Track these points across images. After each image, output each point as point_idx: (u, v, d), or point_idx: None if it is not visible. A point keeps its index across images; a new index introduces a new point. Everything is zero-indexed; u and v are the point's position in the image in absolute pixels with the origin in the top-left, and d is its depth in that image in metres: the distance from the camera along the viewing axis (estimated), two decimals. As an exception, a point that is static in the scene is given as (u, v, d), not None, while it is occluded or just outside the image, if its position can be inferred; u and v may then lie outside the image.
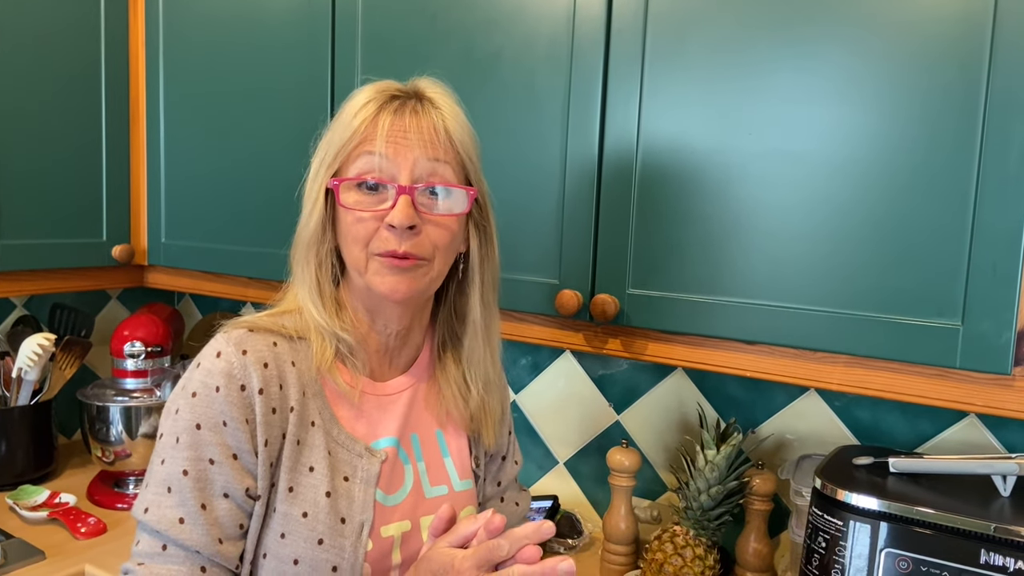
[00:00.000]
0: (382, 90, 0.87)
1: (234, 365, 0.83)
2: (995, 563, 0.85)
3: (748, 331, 1.02)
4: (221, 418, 0.82)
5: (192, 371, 0.85)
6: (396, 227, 0.82)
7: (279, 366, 0.85)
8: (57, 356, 1.68)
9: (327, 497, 0.85)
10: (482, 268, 0.93)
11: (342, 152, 0.86)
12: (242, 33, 1.50)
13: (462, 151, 0.87)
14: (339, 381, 0.89)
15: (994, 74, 0.86)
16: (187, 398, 0.83)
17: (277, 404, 0.84)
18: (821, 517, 0.97)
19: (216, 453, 0.82)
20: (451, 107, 0.88)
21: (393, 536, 0.90)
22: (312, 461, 0.86)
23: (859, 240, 0.94)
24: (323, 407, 0.88)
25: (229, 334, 0.85)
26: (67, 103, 1.58)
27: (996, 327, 0.87)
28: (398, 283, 0.84)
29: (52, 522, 1.48)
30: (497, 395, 1.01)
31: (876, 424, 1.25)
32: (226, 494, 0.82)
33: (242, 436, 0.82)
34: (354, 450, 0.89)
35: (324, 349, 0.88)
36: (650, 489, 1.47)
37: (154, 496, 0.82)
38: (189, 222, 1.63)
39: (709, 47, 1.02)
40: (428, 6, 1.26)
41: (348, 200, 0.85)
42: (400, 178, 0.83)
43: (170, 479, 0.82)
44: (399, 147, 0.83)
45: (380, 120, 0.84)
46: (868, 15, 0.92)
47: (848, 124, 0.94)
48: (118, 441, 1.57)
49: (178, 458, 0.82)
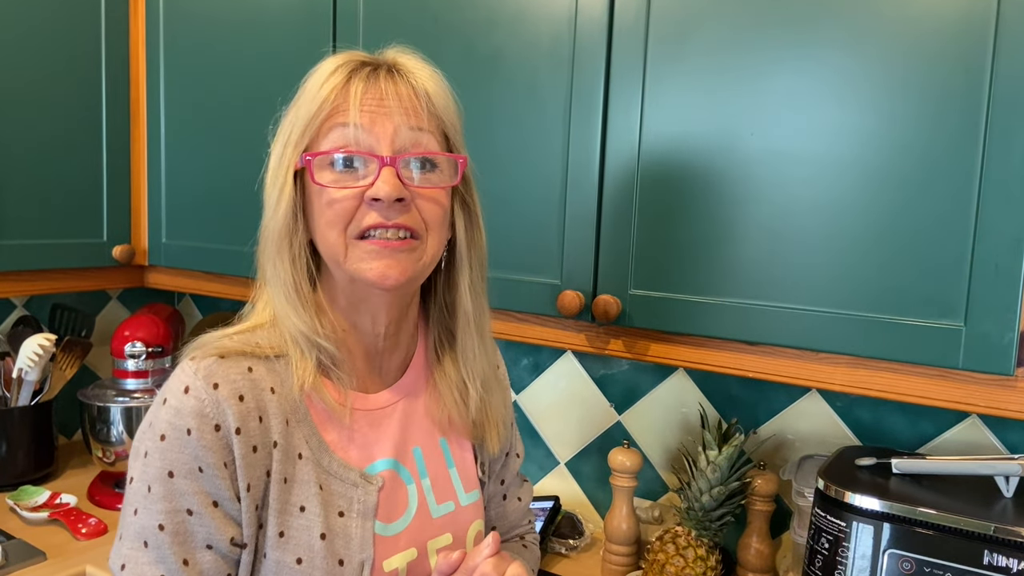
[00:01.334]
0: (350, 57, 0.79)
1: (205, 403, 0.73)
2: (998, 564, 0.85)
3: (750, 332, 1.02)
4: (196, 464, 0.72)
5: (158, 408, 0.75)
6: (382, 200, 0.73)
7: (257, 396, 0.76)
8: (57, 356, 1.68)
9: (322, 540, 0.77)
10: (469, 253, 0.84)
11: (310, 127, 0.76)
12: (242, 32, 1.50)
13: (445, 117, 0.79)
14: (326, 398, 0.79)
15: (997, 74, 0.86)
16: (155, 440, 0.74)
17: (258, 441, 0.75)
18: (824, 518, 0.96)
19: (194, 503, 0.73)
20: (428, 71, 0.79)
21: (397, 568, 0.82)
22: (303, 500, 0.77)
23: (861, 241, 0.94)
24: (310, 434, 0.79)
25: (197, 364, 0.75)
26: (68, 103, 1.58)
27: (999, 328, 0.87)
28: (388, 267, 0.75)
29: (53, 523, 1.48)
30: (499, 395, 0.94)
31: (878, 424, 1.25)
32: (209, 545, 0.74)
33: (221, 482, 0.73)
34: (348, 479, 0.80)
35: (305, 364, 0.78)
36: (651, 489, 1.47)
37: (129, 551, 0.74)
38: (189, 222, 1.63)
39: (711, 48, 1.02)
40: (429, 6, 1.26)
41: (322, 178, 0.75)
42: (380, 149, 0.74)
43: (145, 532, 0.73)
44: (376, 116, 0.74)
45: (352, 88, 0.75)
46: (870, 16, 0.92)
47: (850, 125, 0.94)
48: (119, 441, 1.57)
49: (152, 510, 0.73)
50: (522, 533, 1.08)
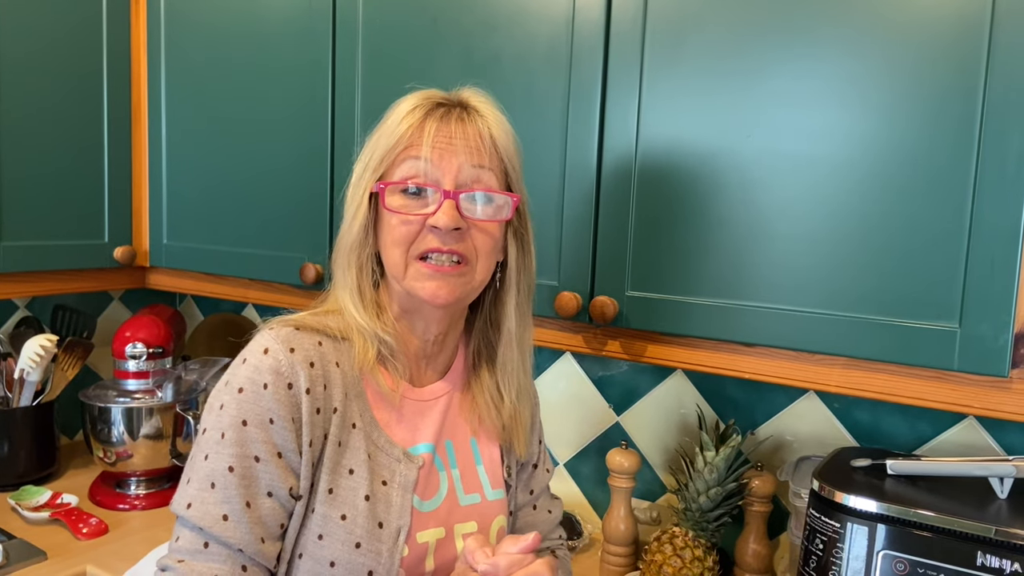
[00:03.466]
0: (427, 97, 0.88)
1: (282, 363, 0.83)
2: (992, 565, 0.85)
3: (747, 333, 1.02)
4: (268, 415, 0.81)
5: (238, 367, 0.85)
6: (440, 229, 0.83)
7: (324, 366, 0.85)
8: (59, 357, 1.68)
9: (366, 501, 0.85)
10: (519, 277, 0.94)
11: (387, 157, 0.86)
12: (243, 35, 1.51)
13: (506, 158, 0.88)
14: (381, 382, 0.89)
15: (991, 75, 0.86)
16: (233, 394, 0.82)
17: (322, 404, 0.84)
18: (819, 519, 0.97)
19: (262, 451, 0.81)
20: (495, 115, 0.89)
21: (428, 542, 0.90)
22: (352, 464, 0.86)
23: (857, 243, 0.95)
24: (364, 410, 0.89)
25: (276, 331, 0.85)
26: (69, 105, 1.59)
27: (993, 329, 0.87)
28: (439, 288, 0.84)
29: (54, 522, 1.48)
30: (528, 404, 1.02)
31: (875, 426, 1.26)
32: (270, 493, 0.82)
33: (288, 435, 0.82)
34: (393, 454, 0.89)
35: (367, 349, 0.88)
36: (649, 490, 1.47)
37: (197, 492, 0.81)
38: (191, 224, 1.64)
39: (707, 50, 1.03)
40: (428, 8, 1.26)
41: (392, 203, 0.85)
42: (444, 183, 0.84)
43: (214, 475, 0.81)
44: (444, 153, 0.84)
45: (426, 126, 0.85)
46: (866, 18, 0.93)
47: (846, 126, 0.94)
48: (120, 442, 1.58)
49: (223, 454, 0.81)
50: (553, 547, 1.11)
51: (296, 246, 1.45)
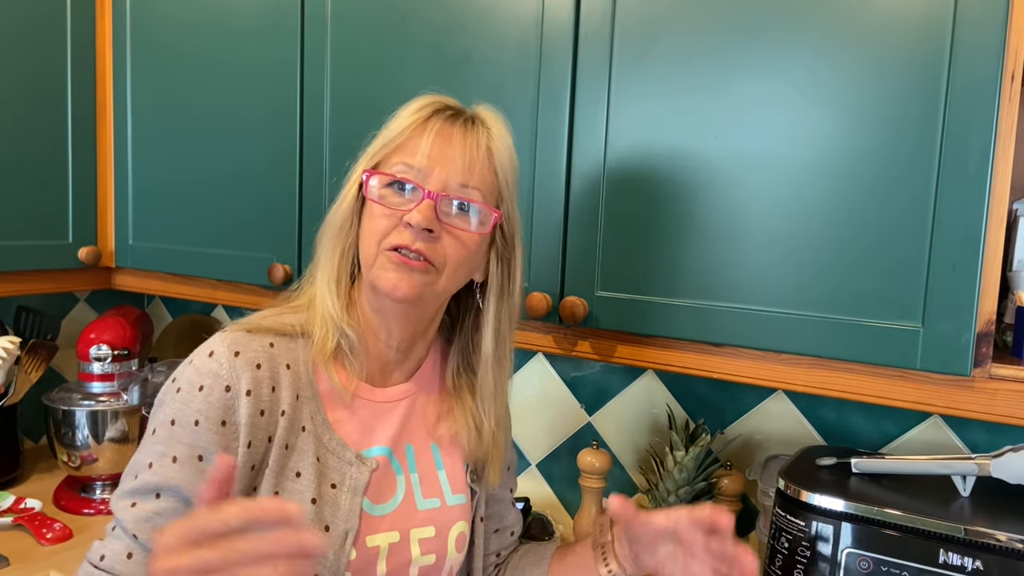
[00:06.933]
0: (439, 100, 0.89)
1: (223, 366, 0.83)
2: (953, 563, 0.86)
3: (715, 333, 1.03)
4: (195, 416, 0.81)
5: (184, 367, 0.85)
6: (413, 226, 0.83)
7: (272, 368, 0.85)
8: (22, 359, 1.65)
9: (312, 504, 0.85)
10: (499, 302, 0.93)
11: (386, 148, 0.87)
12: (210, 34, 1.49)
13: (500, 175, 0.88)
14: (334, 378, 0.89)
15: (953, 77, 0.87)
16: (172, 392, 0.84)
17: (267, 407, 0.84)
18: (784, 517, 0.97)
19: (182, 452, 0.81)
20: (500, 130, 0.89)
21: (379, 546, 0.89)
22: (300, 467, 0.86)
23: (822, 243, 0.95)
24: (316, 411, 0.88)
25: (226, 335, 0.86)
26: (32, 101, 1.56)
27: (956, 329, 0.88)
28: (399, 280, 0.83)
29: (17, 528, 1.45)
30: (505, 432, 1.02)
31: (842, 425, 1.27)
32: (176, 494, 0.81)
33: (213, 438, 0.81)
34: (344, 457, 0.88)
35: (326, 340, 0.88)
36: (620, 490, 1.48)
37: (123, 481, 0.84)
38: (157, 224, 1.61)
39: (676, 52, 1.03)
40: (397, 7, 1.25)
41: (374, 193, 0.86)
42: (429, 184, 0.84)
43: (137, 467, 0.83)
44: (438, 156, 0.85)
45: (429, 126, 0.86)
46: (831, 21, 0.93)
47: (811, 128, 0.95)
48: (84, 446, 1.55)
49: (149, 450, 0.82)
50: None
51: (264, 246, 1.44)
